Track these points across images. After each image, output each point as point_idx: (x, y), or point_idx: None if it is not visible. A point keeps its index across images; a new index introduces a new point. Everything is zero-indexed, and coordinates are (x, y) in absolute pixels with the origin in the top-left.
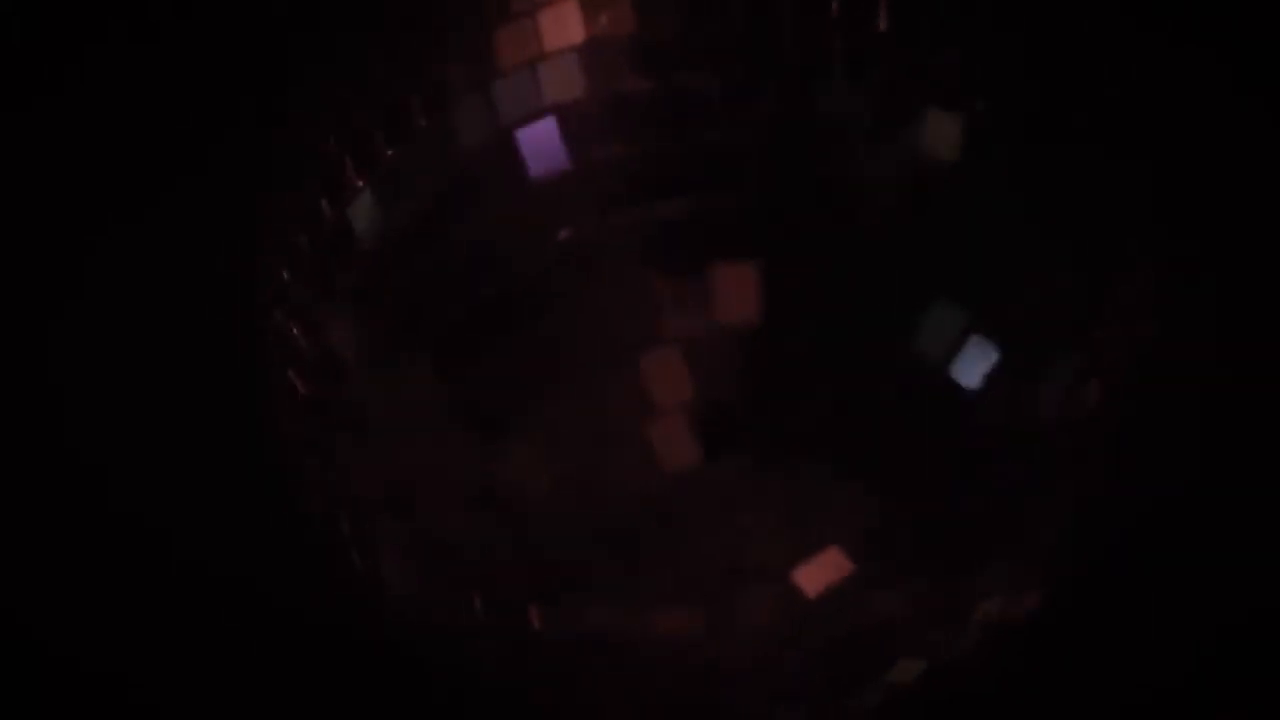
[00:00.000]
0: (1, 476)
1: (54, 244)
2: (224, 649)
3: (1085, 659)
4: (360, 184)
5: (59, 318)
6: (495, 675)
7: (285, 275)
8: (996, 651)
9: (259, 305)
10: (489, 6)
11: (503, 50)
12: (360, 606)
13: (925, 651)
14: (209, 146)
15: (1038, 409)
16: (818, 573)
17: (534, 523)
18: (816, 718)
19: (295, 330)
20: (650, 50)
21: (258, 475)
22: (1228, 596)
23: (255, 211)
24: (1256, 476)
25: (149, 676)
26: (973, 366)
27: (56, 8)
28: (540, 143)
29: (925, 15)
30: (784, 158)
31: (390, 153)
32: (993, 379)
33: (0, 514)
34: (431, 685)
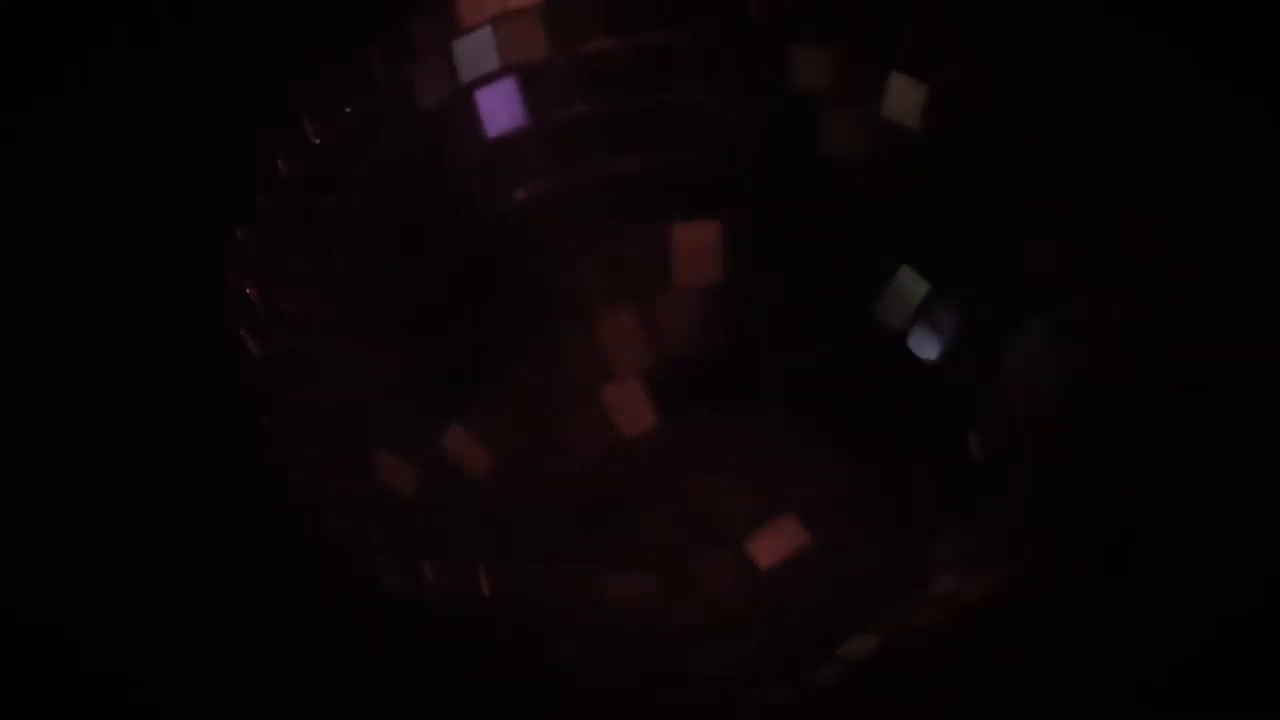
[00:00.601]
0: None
1: (52, 241)
2: (224, 648)
3: (1084, 657)
4: (318, 142)
5: (57, 313)
6: (452, 652)
7: (243, 237)
8: (971, 638)
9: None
10: None
11: (464, 9)
12: (360, 605)
13: (883, 624)
14: (209, 145)
15: (999, 377)
16: (773, 544)
17: (490, 486)
18: (774, 692)
19: (253, 292)
20: (615, 9)
21: (259, 473)
22: (1227, 596)
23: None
24: (1257, 475)
25: (149, 676)
26: (934, 333)
27: (56, 8)
28: (499, 102)
29: None
30: (749, 119)
31: (349, 111)
32: (955, 346)
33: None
34: (430, 685)
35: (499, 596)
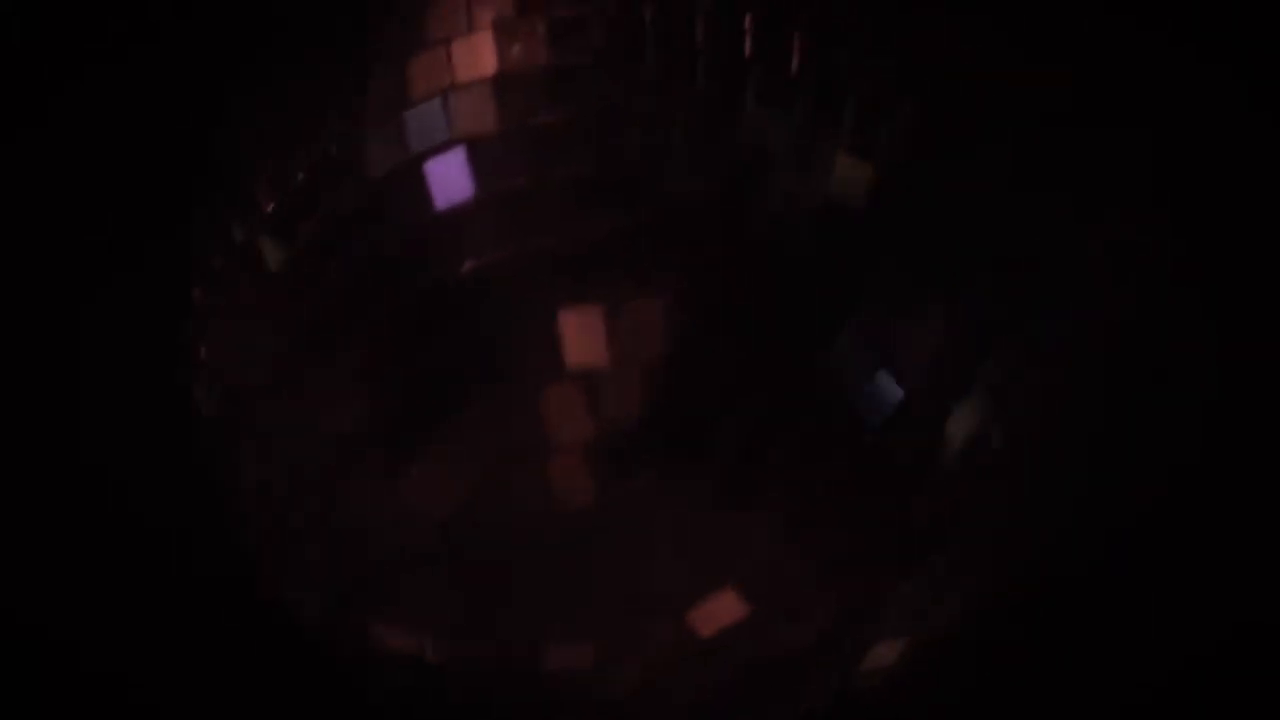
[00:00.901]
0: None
1: (51, 243)
2: (224, 649)
3: (1084, 657)
4: (270, 208)
5: (57, 312)
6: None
7: (198, 294)
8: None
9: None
10: (404, 36)
11: (415, 80)
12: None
13: (812, 692)
14: (204, 157)
15: (944, 446)
16: (713, 614)
17: (429, 556)
18: None
19: (204, 347)
20: (564, 82)
21: None
22: (1227, 596)
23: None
24: (1257, 475)
25: (149, 676)
26: (879, 402)
27: (57, 8)
28: (448, 174)
29: (838, 56)
30: (697, 190)
31: (301, 178)
32: (898, 414)
33: (1, 514)
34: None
35: (441, 663)
